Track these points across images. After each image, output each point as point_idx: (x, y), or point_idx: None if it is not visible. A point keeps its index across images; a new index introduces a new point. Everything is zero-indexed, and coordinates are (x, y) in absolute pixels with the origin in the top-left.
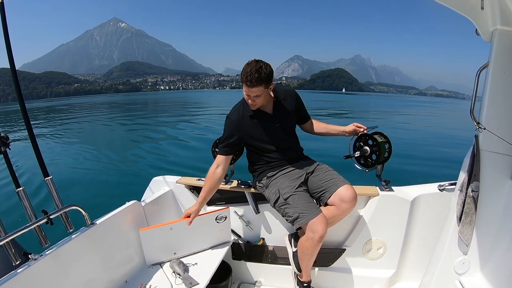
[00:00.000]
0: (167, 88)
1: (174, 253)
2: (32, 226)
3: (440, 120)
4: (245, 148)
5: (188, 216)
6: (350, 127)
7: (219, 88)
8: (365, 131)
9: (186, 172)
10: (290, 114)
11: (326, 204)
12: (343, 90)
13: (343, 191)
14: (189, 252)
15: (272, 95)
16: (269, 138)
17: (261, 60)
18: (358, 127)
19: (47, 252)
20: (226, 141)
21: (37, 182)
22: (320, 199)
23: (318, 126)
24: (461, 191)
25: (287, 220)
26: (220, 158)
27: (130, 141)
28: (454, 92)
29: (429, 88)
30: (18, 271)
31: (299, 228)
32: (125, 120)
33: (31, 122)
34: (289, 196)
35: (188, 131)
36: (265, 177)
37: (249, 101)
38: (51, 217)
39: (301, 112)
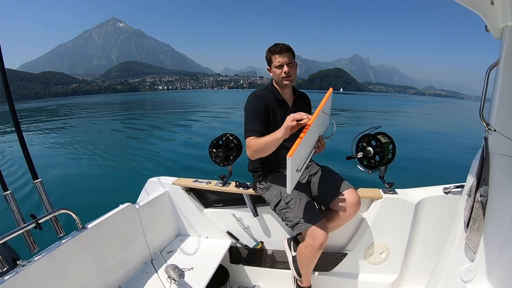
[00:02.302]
0: (165, 88)
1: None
2: (20, 231)
3: (443, 120)
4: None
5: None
6: None
7: (217, 88)
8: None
9: (183, 173)
10: None
11: (328, 208)
12: (341, 89)
13: (347, 195)
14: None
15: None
16: None
17: None
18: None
19: (35, 258)
20: (255, 119)
21: (29, 185)
22: (323, 203)
23: None
24: (469, 195)
25: (287, 224)
26: (251, 139)
27: (125, 142)
28: (453, 91)
29: (428, 88)
30: (5, 278)
31: (300, 233)
32: (120, 120)
33: (22, 123)
34: (291, 200)
35: (185, 132)
36: (267, 179)
37: (284, 69)
38: (40, 221)
39: None
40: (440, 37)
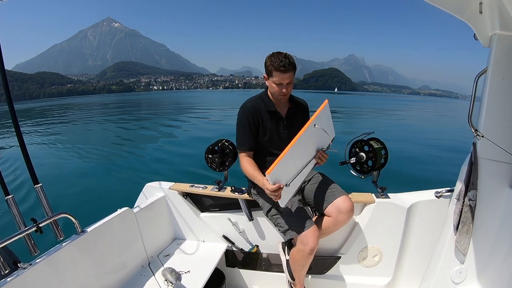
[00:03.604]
0: (160, 88)
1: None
2: (21, 235)
3: (436, 122)
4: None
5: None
6: None
7: (212, 88)
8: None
9: (179, 178)
10: (298, 124)
11: (322, 214)
12: (335, 89)
13: (340, 202)
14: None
15: (288, 101)
16: (276, 140)
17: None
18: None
19: (36, 261)
20: (244, 134)
21: (27, 187)
22: (316, 208)
23: None
24: (458, 199)
25: (279, 230)
26: (243, 154)
27: (122, 147)
28: (447, 91)
29: (423, 88)
30: (7, 280)
31: (292, 238)
32: (117, 123)
33: (21, 125)
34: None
35: (182, 136)
36: None
37: (283, 90)
38: (40, 225)
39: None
40: (436, 37)
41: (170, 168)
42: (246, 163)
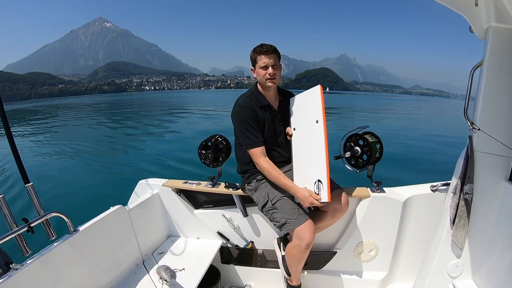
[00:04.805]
0: (152, 88)
1: None
2: (12, 235)
3: (430, 118)
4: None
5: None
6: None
7: (204, 88)
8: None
9: (173, 175)
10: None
11: (317, 209)
12: (327, 89)
13: (335, 196)
14: None
15: (278, 94)
16: (272, 134)
17: None
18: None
19: (28, 262)
20: (252, 131)
21: (19, 187)
22: None
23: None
24: (454, 193)
25: (274, 225)
26: (256, 151)
27: (115, 144)
28: (439, 90)
29: (414, 87)
30: None
31: (288, 233)
32: (108, 123)
33: (12, 125)
34: (277, 201)
35: (174, 133)
36: (255, 180)
37: (269, 71)
38: (32, 225)
39: None
40: (429, 37)
41: (163, 164)
42: (268, 166)
